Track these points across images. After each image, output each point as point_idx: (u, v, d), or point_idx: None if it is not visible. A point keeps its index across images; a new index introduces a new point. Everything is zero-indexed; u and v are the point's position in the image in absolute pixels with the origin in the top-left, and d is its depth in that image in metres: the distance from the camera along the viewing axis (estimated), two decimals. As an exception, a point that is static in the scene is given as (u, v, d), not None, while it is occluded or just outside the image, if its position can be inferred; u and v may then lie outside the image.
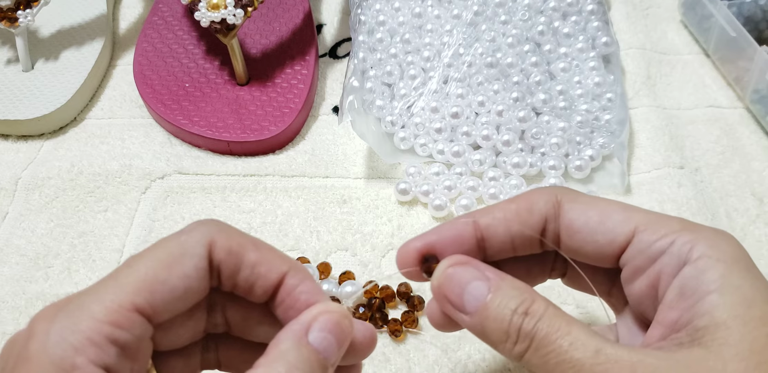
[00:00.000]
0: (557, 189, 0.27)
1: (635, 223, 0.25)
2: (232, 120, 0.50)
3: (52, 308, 0.22)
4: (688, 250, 0.24)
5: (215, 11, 0.48)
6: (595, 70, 0.52)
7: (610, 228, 0.25)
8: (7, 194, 0.49)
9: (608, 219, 0.25)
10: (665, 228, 0.25)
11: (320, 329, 0.23)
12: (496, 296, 0.24)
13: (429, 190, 0.47)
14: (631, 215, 0.25)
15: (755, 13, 0.55)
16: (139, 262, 0.23)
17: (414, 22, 0.54)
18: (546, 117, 0.49)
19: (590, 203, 0.26)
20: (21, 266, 0.45)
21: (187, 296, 0.23)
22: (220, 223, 0.24)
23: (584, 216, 0.25)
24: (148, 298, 0.22)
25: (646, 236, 0.25)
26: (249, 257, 0.24)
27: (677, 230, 0.24)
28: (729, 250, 0.24)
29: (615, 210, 0.25)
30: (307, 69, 0.53)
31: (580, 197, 0.26)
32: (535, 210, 0.26)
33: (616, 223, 0.25)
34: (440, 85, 0.51)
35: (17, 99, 0.52)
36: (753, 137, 0.52)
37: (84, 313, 0.21)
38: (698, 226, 0.25)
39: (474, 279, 0.24)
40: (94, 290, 0.22)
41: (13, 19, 0.52)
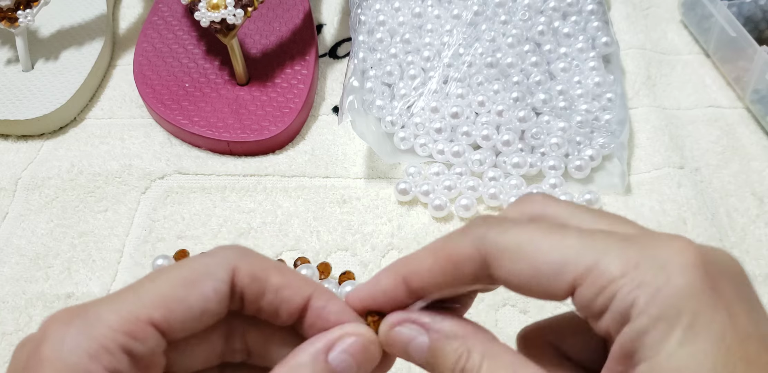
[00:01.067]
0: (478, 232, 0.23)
1: (570, 275, 0.21)
2: (232, 120, 0.50)
3: (66, 312, 0.22)
4: (629, 305, 0.21)
5: (215, 11, 0.48)
6: (595, 70, 0.52)
7: (546, 284, 0.22)
8: (7, 194, 0.49)
9: (541, 276, 0.22)
10: (605, 276, 0.21)
11: (343, 350, 0.23)
12: (435, 351, 0.23)
13: (429, 190, 0.47)
14: (563, 263, 0.21)
15: (755, 13, 0.55)
16: (160, 277, 0.23)
17: (414, 22, 0.54)
18: (546, 117, 0.49)
19: (516, 253, 0.22)
20: (21, 266, 0.45)
21: (203, 317, 0.23)
22: (243, 248, 0.24)
23: (516, 274, 0.22)
24: (164, 313, 0.22)
25: (586, 292, 0.21)
26: (272, 281, 0.24)
27: (617, 278, 0.21)
28: (674, 299, 0.20)
29: (546, 259, 0.22)
30: (307, 69, 0.53)
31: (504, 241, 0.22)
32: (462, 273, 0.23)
33: (550, 278, 0.22)
34: (440, 85, 0.51)
35: (17, 99, 0.52)
36: (753, 137, 0.52)
37: (100, 321, 0.21)
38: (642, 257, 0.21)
39: (414, 337, 0.24)
40: (112, 299, 0.22)
41: (13, 19, 0.52)
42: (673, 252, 0.21)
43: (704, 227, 0.45)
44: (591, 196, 0.46)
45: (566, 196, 0.47)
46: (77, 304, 0.23)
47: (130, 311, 0.22)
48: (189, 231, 0.46)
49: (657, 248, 0.21)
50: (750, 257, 0.45)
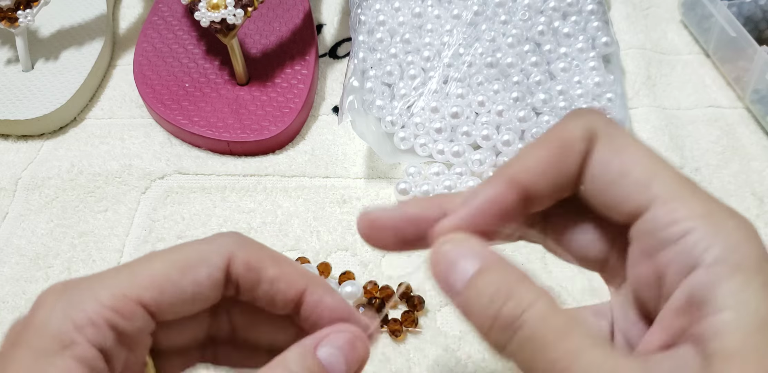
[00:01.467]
0: (593, 118, 0.23)
1: (655, 191, 0.21)
2: (232, 120, 0.50)
3: (61, 285, 0.22)
4: (703, 249, 0.20)
5: (215, 11, 0.48)
6: (595, 70, 0.52)
7: (627, 188, 0.22)
8: (7, 194, 0.49)
9: (629, 176, 0.22)
10: (684, 209, 0.21)
11: (331, 345, 0.23)
12: (482, 276, 0.21)
13: (429, 190, 0.47)
14: (655, 178, 0.21)
15: (755, 13, 0.55)
16: (156, 259, 0.23)
17: (414, 22, 0.54)
18: (546, 117, 0.49)
19: (619, 148, 0.22)
20: (21, 266, 0.45)
21: (195, 302, 0.23)
22: (241, 236, 0.24)
23: (608, 164, 0.22)
24: (155, 295, 0.22)
25: (660, 215, 0.21)
26: (267, 272, 0.24)
27: (697, 216, 0.21)
28: (752, 254, 0.20)
29: (640, 165, 0.22)
30: (307, 69, 0.53)
31: (614, 135, 0.22)
32: (571, 153, 0.22)
33: (635, 183, 0.22)
34: (440, 85, 0.51)
35: (17, 99, 0.52)
36: (753, 137, 0.52)
37: (91, 295, 0.22)
38: (721, 213, 0.21)
39: (464, 257, 0.22)
40: (106, 276, 0.23)
41: (13, 19, 0.52)
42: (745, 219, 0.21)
43: (704, 227, 0.45)
44: (591, 196, 0.46)
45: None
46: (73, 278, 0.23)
47: (122, 289, 0.22)
48: (189, 231, 0.46)
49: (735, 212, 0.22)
50: (750, 257, 0.45)
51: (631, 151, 0.22)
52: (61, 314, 0.21)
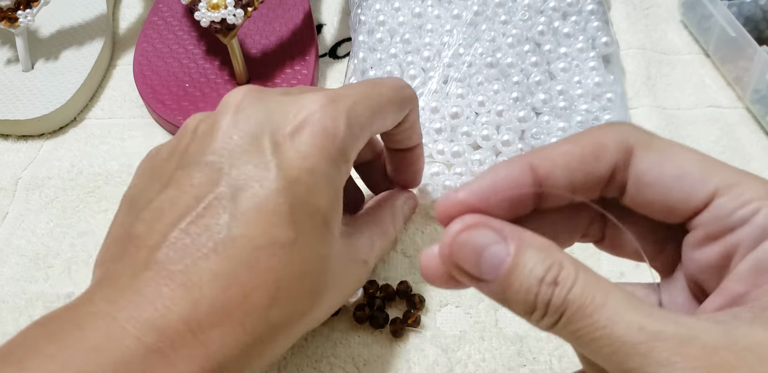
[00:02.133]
0: (628, 129, 0.23)
1: (716, 184, 0.22)
2: (232, 120, 0.50)
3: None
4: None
5: (215, 11, 0.48)
6: (595, 70, 0.52)
7: (687, 187, 0.22)
8: (7, 194, 0.49)
9: (686, 176, 0.22)
10: (749, 193, 0.22)
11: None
12: (518, 262, 0.20)
13: (429, 190, 0.47)
14: (712, 173, 0.22)
15: (755, 13, 0.55)
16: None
17: (414, 22, 0.54)
18: (546, 117, 0.49)
19: (666, 153, 0.23)
20: (21, 266, 0.45)
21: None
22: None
23: (658, 169, 0.23)
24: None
25: (727, 202, 0.22)
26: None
27: (763, 196, 0.22)
28: None
29: (693, 164, 0.22)
30: (307, 69, 0.54)
31: (654, 142, 0.23)
32: (603, 157, 0.23)
33: (694, 181, 0.22)
34: (440, 85, 0.51)
35: (17, 99, 0.52)
36: (753, 137, 0.52)
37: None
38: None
39: (491, 243, 0.20)
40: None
41: (13, 19, 0.52)
42: None
43: (704, 227, 0.45)
44: (591, 196, 0.46)
45: (566, 196, 0.47)
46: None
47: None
48: (189, 231, 0.46)
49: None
50: (750, 257, 0.45)
51: (679, 154, 0.23)
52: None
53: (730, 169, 0.23)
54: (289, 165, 0.28)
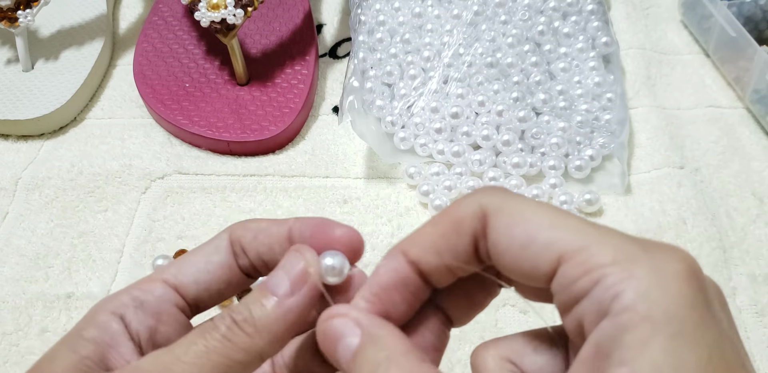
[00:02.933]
0: (485, 196, 0.23)
1: (560, 250, 0.21)
2: (232, 120, 0.50)
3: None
4: (612, 297, 0.19)
5: (215, 11, 0.48)
6: (595, 70, 0.52)
7: (533, 254, 0.21)
8: (7, 194, 0.49)
9: (532, 242, 0.21)
10: (592, 260, 0.20)
11: (277, 268, 0.24)
12: (359, 354, 0.22)
13: (429, 190, 0.47)
14: (558, 238, 0.21)
15: (755, 13, 0.55)
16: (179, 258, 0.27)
17: (414, 22, 0.54)
18: (546, 117, 0.49)
19: (516, 217, 0.22)
20: (21, 266, 0.45)
21: (209, 269, 0.26)
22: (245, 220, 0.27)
23: (508, 236, 0.22)
24: (173, 272, 0.26)
25: (570, 270, 0.20)
26: (261, 225, 0.26)
27: (606, 264, 0.20)
28: (666, 300, 0.19)
29: (541, 229, 0.21)
30: (307, 69, 0.53)
31: (508, 206, 0.22)
32: (462, 230, 0.23)
33: (539, 248, 0.21)
34: (440, 85, 0.51)
35: (17, 99, 0.52)
36: (753, 137, 0.52)
37: (124, 289, 0.26)
38: (638, 256, 0.20)
39: (344, 336, 0.22)
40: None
41: (13, 19, 0.52)
42: (673, 258, 0.20)
43: (704, 227, 0.45)
44: (591, 196, 0.46)
45: (566, 196, 0.47)
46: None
47: (148, 277, 0.26)
48: (189, 231, 0.46)
49: (657, 251, 0.20)
50: (750, 257, 0.45)
51: (529, 217, 0.22)
52: (98, 303, 0.25)
53: (582, 229, 0.21)
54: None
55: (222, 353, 0.23)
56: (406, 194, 0.48)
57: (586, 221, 0.21)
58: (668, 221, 0.46)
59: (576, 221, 0.21)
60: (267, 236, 0.26)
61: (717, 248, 0.44)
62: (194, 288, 0.26)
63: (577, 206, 0.47)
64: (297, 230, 0.25)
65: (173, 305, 0.25)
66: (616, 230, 0.21)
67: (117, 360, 0.24)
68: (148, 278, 0.26)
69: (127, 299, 0.25)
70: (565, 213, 0.22)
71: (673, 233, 0.45)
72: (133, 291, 0.25)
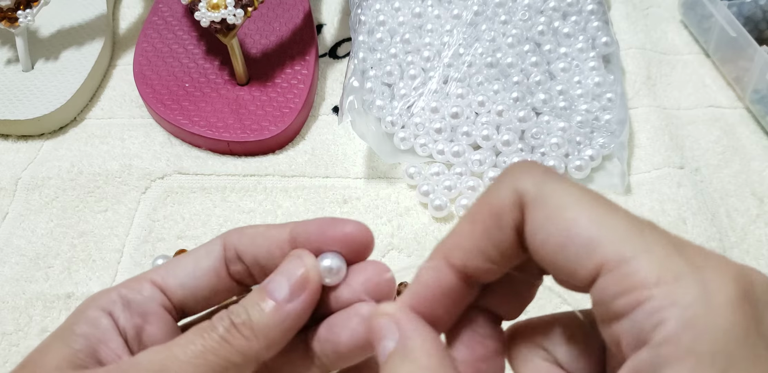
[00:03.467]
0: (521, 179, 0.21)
1: (600, 257, 0.19)
2: (232, 120, 0.50)
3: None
4: (654, 325, 0.17)
5: (215, 11, 0.48)
6: (595, 70, 0.52)
7: (572, 256, 0.19)
8: (7, 194, 0.49)
9: (570, 243, 0.19)
10: (635, 277, 0.18)
11: (277, 272, 0.24)
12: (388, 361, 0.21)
13: (429, 190, 0.47)
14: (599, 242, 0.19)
15: (755, 13, 0.55)
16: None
17: (414, 22, 0.54)
18: (546, 117, 0.49)
19: (555, 210, 0.20)
20: (21, 266, 0.45)
21: (196, 273, 0.26)
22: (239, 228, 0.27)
23: (545, 232, 0.20)
24: (161, 273, 0.26)
25: (609, 284, 0.18)
26: (258, 229, 0.26)
27: (650, 285, 0.18)
28: (712, 333, 0.17)
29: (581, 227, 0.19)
30: (307, 69, 0.53)
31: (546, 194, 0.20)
32: (503, 224, 0.21)
33: (578, 251, 0.19)
34: (440, 85, 0.51)
35: (17, 99, 0.52)
36: (753, 137, 0.52)
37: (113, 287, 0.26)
38: (686, 273, 0.18)
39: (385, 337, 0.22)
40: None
41: (13, 19, 0.52)
42: (724, 277, 0.18)
43: (704, 227, 0.45)
44: (591, 196, 0.46)
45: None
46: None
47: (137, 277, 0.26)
48: (189, 231, 0.46)
49: (706, 266, 0.18)
50: (750, 257, 0.45)
51: (568, 211, 0.19)
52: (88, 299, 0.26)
53: (626, 231, 0.19)
54: None
55: (219, 354, 0.23)
56: (406, 194, 0.48)
57: (633, 219, 0.19)
58: (668, 221, 0.46)
59: (622, 219, 0.19)
60: (266, 239, 0.25)
61: (717, 248, 0.44)
62: (180, 292, 0.26)
63: (577, 206, 0.47)
64: (301, 231, 0.25)
65: (160, 305, 0.25)
66: (663, 234, 0.19)
67: (108, 355, 0.24)
68: (137, 277, 0.26)
69: (116, 296, 0.25)
70: (611, 207, 0.20)
71: (673, 233, 0.45)
72: (121, 289, 0.25)
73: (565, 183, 0.20)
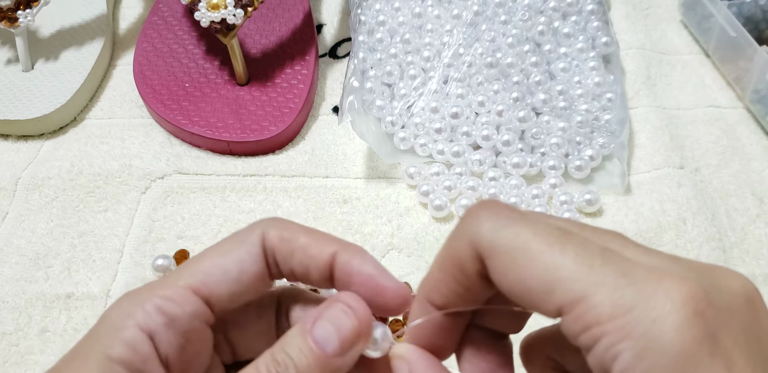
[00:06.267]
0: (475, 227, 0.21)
1: (558, 301, 0.20)
2: (232, 120, 0.50)
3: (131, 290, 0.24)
4: (611, 358, 0.19)
5: (215, 11, 0.48)
6: (595, 70, 0.52)
7: (535, 301, 0.20)
8: (7, 194, 0.49)
9: (529, 291, 0.20)
10: (589, 315, 0.19)
11: (324, 317, 0.23)
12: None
13: (429, 190, 0.47)
14: (554, 287, 0.20)
15: (755, 13, 0.55)
16: (201, 254, 0.24)
17: (414, 22, 0.54)
18: (546, 117, 0.49)
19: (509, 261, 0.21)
20: (21, 266, 0.45)
21: (242, 280, 0.24)
22: (276, 218, 0.25)
23: (505, 282, 0.21)
24: (203, 279, 0.23)
25: (570, 325, 0.19)
26: (299, 240, 0.24)
27: (603, 322, 0.19)
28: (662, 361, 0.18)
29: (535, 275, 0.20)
30: (307, 69, 0.53)
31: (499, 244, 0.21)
32: (467, 273, 0.22)
33: (538, 297, 0.20)
34: (440, 85, 0.51)
35: (17, 99, 0.52)
36: (753, 137, 0.52)
37: (146, 290, 0.23)
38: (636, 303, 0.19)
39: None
40: (163, 277, 0.24)
41: (13, 19, 0.52)
42: (673, 300, 0.18)
43: (704, 227, 0.45)
44: (591, 196, 0.46)
45: (566, 196, 0.47)
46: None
47: (173, 280, 0.23)
48: (189, 231, 0.46)
49: (656, 291, 0.19)
50: (750, 257, 0.45)
51: (520, 260, 0.20)
52: (119, 307, 0.23)
53: (576, 272, 0.19)
54: None
55: None
56: (406, 194, 0.48)
57: (584, 250, 0.20)
58: (668, 221, 0.46)
59: (572, 255, 0.20)
60: (307, 257, 0.24)
61: (717, 248, 0.44)
62: (226, 303, 0.24)
63: (577, 206, 0.47)
64: (343, 264, 0.24)
65: (204, 323, 0.23)
66: (615, 260, 0.20)
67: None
68: (172, 282, 0.23)
69: (153, 310, 0.22)
70: (562, 242, 0.20)
71: (673, 233, 0.45)
72: (157, 300, 0.23)
73: (515, 226, 0.21)
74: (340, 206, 0.47)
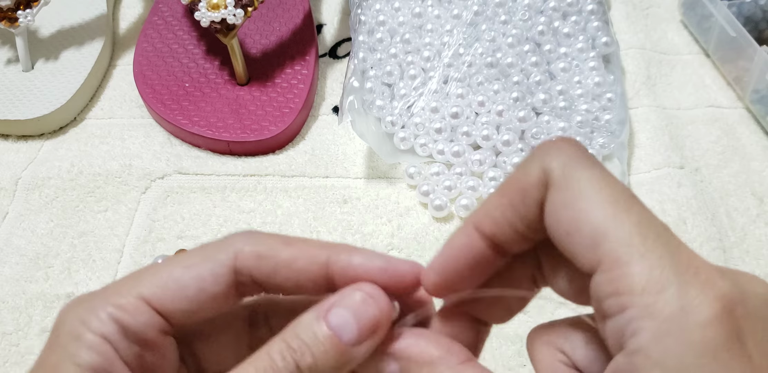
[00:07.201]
0: (551, 157, 0.21)
1: (599, 254, 0.19)
2: (232, 120, 0.50)
3: (79, 296, 0.24)
4: (631, 333, 0.18)
5: (215, 11, 0.48)
6: (595, 70, 0.52)
7: (576, 245, 0.20)
8: (7, 194, 0.49)
9: (576, 232, 0.20)
10: (623, 282, 0.18)
11: (342, 305, 0.22)
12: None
13: (429, 190, 0.47)
14: (603, 238, 0.19)
15: (755, 13, 0.55)
16: (166, 262, 0.24)
17: (414, 22, 0.54)
18: (546, 117, 0.49)
19: (572, 196, 0.20)
20: (21, 266, 0.45)
21: (199, 298, 0.23)
22: (250, 232, 0.24)
23: (556, 217, 0.20)
24: (157, 292, 0.23)
25: (601, 284, 0.19)
26: (281, 256, 0.23)
27: (634, 292, 0.18)
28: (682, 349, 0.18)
29: (589, 221, 0.19)
30: (307, 69, 0.53)
31: (570, 178, 0.20)
32: (528, 200, 0.21)
33: (583, 241, 0.20)
34: (440, 85, 0.51)
35: (17, 99, 0.52)
36: (753, 137, 0.52)
37: (99, 297, 0.23)
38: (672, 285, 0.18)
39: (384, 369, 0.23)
40: (115, 283, 0.23)
41: (13, 19, 0.52)
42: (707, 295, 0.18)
43: (704, 227, 0.45)
44: (591, 196, 0.46)
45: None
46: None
47: (126, 289, 0.23)
48: (189, 231, 0.46)
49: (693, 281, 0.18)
50: (750, 257, 0.45)
51: (583, 201, 0.20)
52: (73, 314, 0.22)
53: (629, 234, 0.19)
54: None
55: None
56: (406, 194, 0.48)
57: (644, 220, 0.19)
58: (668, 221, 0.46)
59: (633, 218, 0.19)
60: (294, 273, 0.23)
61: (717, 248, 0.44)
62: (181, 318, 0.23)
63: (577, 206, 0.47)
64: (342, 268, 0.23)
65: (160, 332, 0.23)
66: (667, 242, 0.19)
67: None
68: (126, 290, 0.23)
69: (106, 318, 0.22)
70: (628, 202, 0.20)
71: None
72: (109, 308, 0.22)
73: (592, 169, 0.20)
74: (340, 205, 0.47)
